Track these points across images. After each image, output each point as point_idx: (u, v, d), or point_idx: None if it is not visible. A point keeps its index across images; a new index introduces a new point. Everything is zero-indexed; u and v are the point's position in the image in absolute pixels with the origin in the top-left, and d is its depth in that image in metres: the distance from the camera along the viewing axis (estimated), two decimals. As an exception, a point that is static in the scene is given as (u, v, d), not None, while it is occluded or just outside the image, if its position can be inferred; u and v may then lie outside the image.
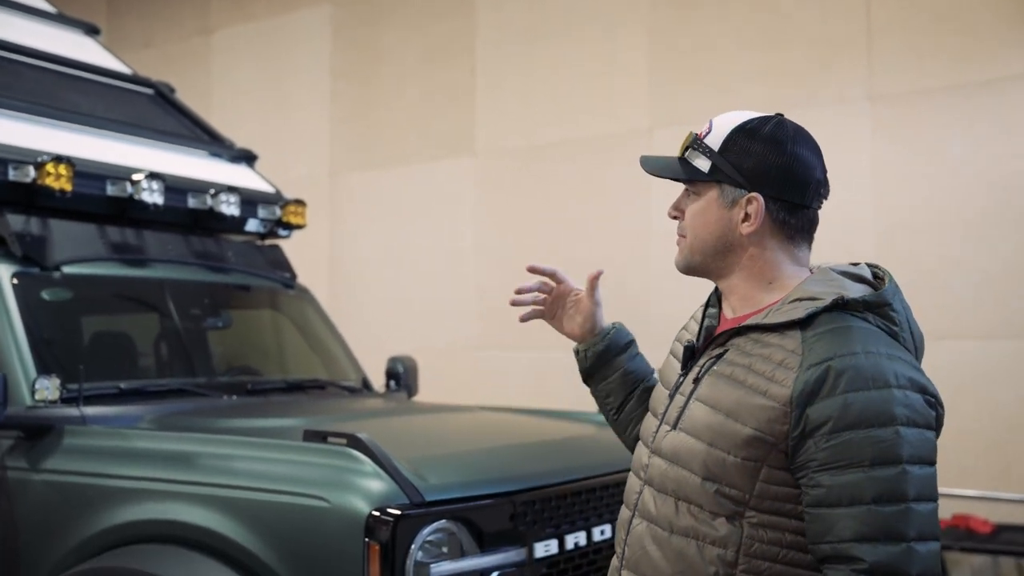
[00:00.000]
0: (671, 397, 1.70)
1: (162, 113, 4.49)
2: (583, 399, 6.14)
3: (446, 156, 7.46)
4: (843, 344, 1.49)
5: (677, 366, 1.75)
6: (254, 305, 4.24)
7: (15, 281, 3.25)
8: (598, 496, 2.97)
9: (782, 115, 1.69)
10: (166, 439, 2.90)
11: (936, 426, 1.50)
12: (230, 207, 3.94)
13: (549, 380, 6.80)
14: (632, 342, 2.03)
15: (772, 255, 1.64)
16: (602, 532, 2.95)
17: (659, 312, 6.11)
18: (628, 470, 3.19)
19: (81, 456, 2.90)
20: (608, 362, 1.99)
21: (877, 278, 1.65)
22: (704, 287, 2.01)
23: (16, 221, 3.36)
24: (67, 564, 2.75)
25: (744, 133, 1.65)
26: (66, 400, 3.04)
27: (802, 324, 1.54)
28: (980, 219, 5.38)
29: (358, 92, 7.91)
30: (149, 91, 4.58)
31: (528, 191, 7.07)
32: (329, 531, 2.48)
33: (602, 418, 3.75)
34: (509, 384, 6.96)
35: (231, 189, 3.97)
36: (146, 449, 2.86)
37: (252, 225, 4.19)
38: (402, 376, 4.33)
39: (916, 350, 1.61)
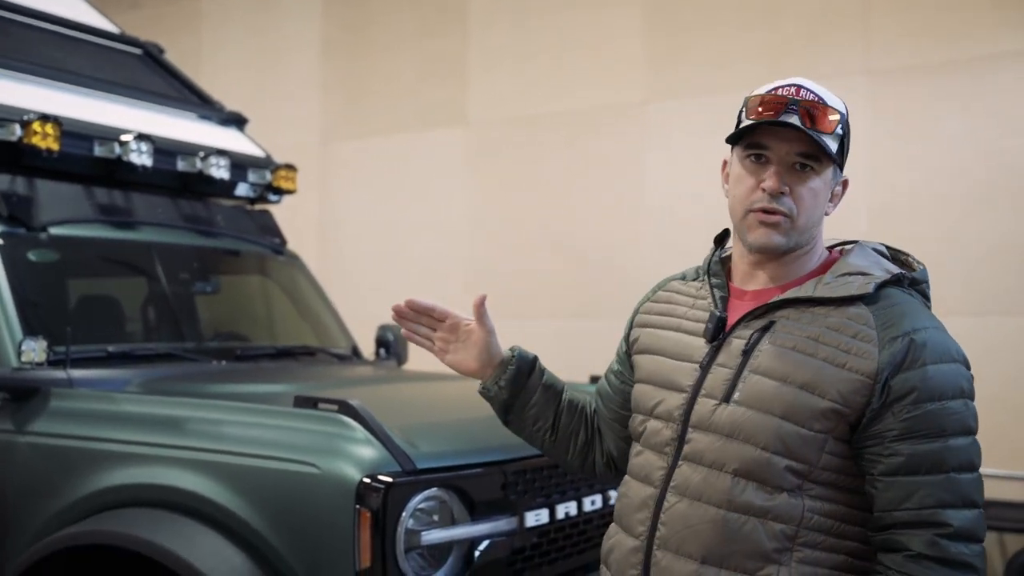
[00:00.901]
0: (704, 369, 1.63)
1: (151, 74, 4.42)
2: (569, 368, 6.12)
3: (438, 126, 7.40)
4: (916, 318, 1.55)
5: (684, 338, 1.70)
6: (243, 270, 4.21)
7: (0, 241, 3.20)
8: (589, 466, 2.96)
9: None
10: (155, 403, 2.87)
11: None
12: (220, 170, 3.88)
13: (535, 349, 6.78)
14: (536, 358, 1.93)
15: (822, 234, 1.70)
16: (592, 502, 2.94)
17: (651, 286, 6.10)
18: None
19: (68, 419, 2.86)
20: (523, 386, 1.88)
21: (895, 258, 1.70)
22: (698, 262, 1.94)
23: (1, 181, 3.31)
24: (54, 527, 2.71)
25: (846, 116, 1.67)
26: (52, 362, 3.00)
27: (866, 298, 1.57)
28: (975, 195, 5.37)
29: (349, 60, 7.83)
30: (138, 51, 4.51)
31: (520, 162, 7.03)
32: (320, 498, 2.46)
33: (592, 387, 3.74)
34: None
35: (221, 152, 3.91)
36: (135, 413, 2.82)
37: (242, 189, 4.14)
38: (392, 344, 4.31)
39: None
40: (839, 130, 1.62)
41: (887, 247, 1.72)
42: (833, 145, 1.60)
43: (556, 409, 1.91)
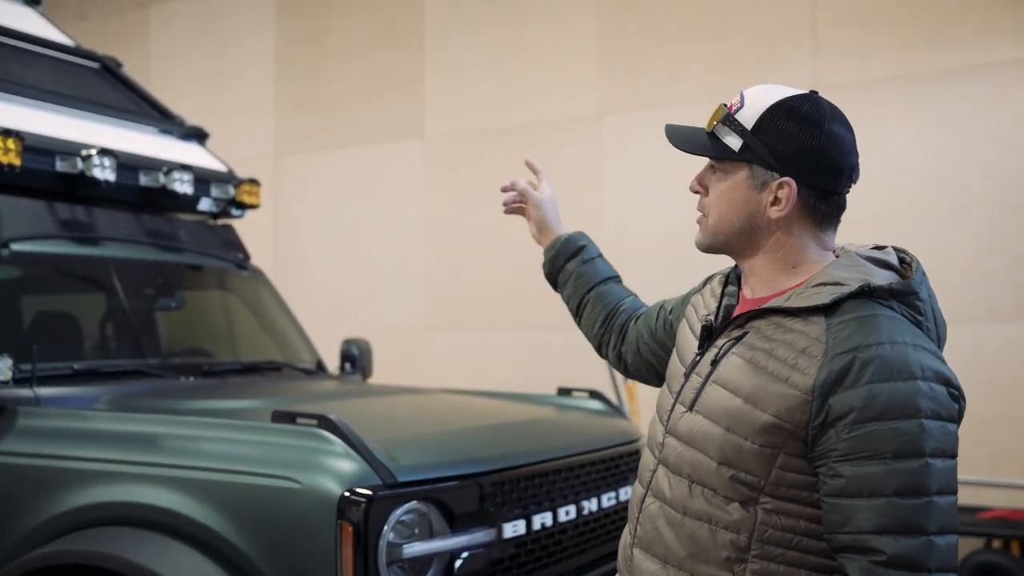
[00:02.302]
0: (686, 376, 1.65)
1: (109, 88, 4.38)
2: (524, 380, 6.13)
3: (394, 139, 7.41)
4: (869, 333, 1.45)
5: (692, 340, 1.71)
6: (207, 286, 4.18)
7: (-38, 258, 3.16)
8: (564, 477, 3.00)
9: (816, 92, 1.62)
10: (129, 420, 2.84)
11: (958, 419, 1.48)
12: (183, 185, 3.86)
13: (490, 361, 6.83)
14: (583, 247, 2.15)
15: (798, 240, 1.60)
16: (567, 513, 2.97)
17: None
18: (591, 451, 3.23)
19: (38, 438, 2.82)
20: (560, 268, 2.15)
21: (904, 263, 1.62)
22: (655, 273, 2.04)
23: (-38, 196, 3.27)
24: (26, 547, 2.67)
25: (780, 112, 1.57)
26: (18, 381, 2.96)
27: (826, 310, 1.50)
28: (918, 208, 5.54)
29: (304, 72, 7.81)
30: (95, 65, 4.45)
31: (476, 175, 7.06)
32: (301, 513, 2.45)
33: (559, 400, 3.80)
34: (453, 365, 6.97)
35: (184, 167, 3.89)
36: (108, 430, 2.79)
37: (205, 204, 4.12)
38: (357, 358, 4.31)
39: (939, 339, 1.59)
40: (739, 125, 1.59)
41: (903, 254, 1.64)
42: (732, 142, 1.59)
43: (581, 299, 2.12)
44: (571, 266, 2.13)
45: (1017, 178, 5.48)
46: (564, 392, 3.80)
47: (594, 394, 3.75)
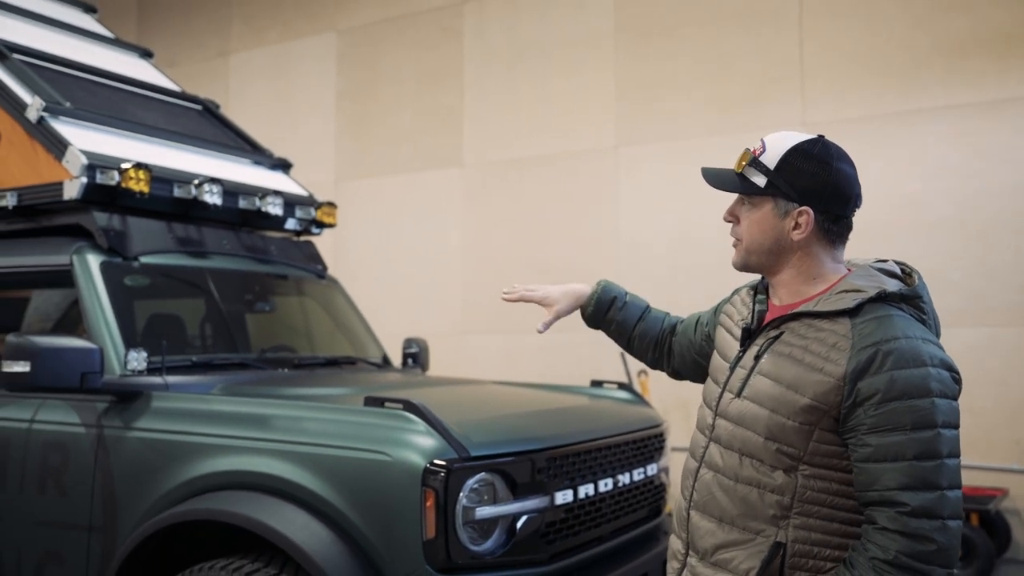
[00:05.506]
0: (732, 369, 1.77)
1: (210, 126, 4.55)
2: (548, 374, 6.21)
3: (437, 167, 7.57)
4: (887, 330, 1.58)
5: (731, 340, 1.83)
6: (293, 292, 4.31)
7: (103, 269, 3.31)
8: (603, 455, 3.11)
9: (823, 136, 1.73)
10: (244, 403, 2.96)
11: (958, 397, 1.59)
12: (275, 208, 4.01)
13: (518, 358, 6.96)
14: (615, 299, 2.20)
15: (816, 256, 1.72)
16: (605, 484, 3.07)
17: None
18: (623, 434, 3.34)
19: (169, 417, 2.96)
20: (601, 320, 2.21)
21: (904, 272, 1.74)
22: (663, 281, 2.13)
23: (101, 218, 3.42)
24: (160, 507, 2.81)
25: (796, 154, 1.69)
26: (150, 370, 3.11)
27: (850, 312, 1.62)
28: (892, 227, 5.66)
29: (360, 110, 7.98)
30: (198, 107, 4.63)
31: (508, 199, 7.21)
32: (391, 480, 2.57)
33: (593, 391, 3.90)
34: (486, 362, 7.11)
35: (276, 193, 4.05)
36: (227, 411, 2.92)
37: (291, 224, 4.27)
38: (417, 355, 4.44)
39: (937, 333, 1.71)
40: (763, 166, 1.69)
41: (903, 265, 1.75)
42: (758, 180, 1.69)
43: (628, 337, 2.20)
44: (611, 315, 2.19)
45: (975, 202, 5.61)
46: (596, 384, 3.89)
47: (622, 386, 3.84)
